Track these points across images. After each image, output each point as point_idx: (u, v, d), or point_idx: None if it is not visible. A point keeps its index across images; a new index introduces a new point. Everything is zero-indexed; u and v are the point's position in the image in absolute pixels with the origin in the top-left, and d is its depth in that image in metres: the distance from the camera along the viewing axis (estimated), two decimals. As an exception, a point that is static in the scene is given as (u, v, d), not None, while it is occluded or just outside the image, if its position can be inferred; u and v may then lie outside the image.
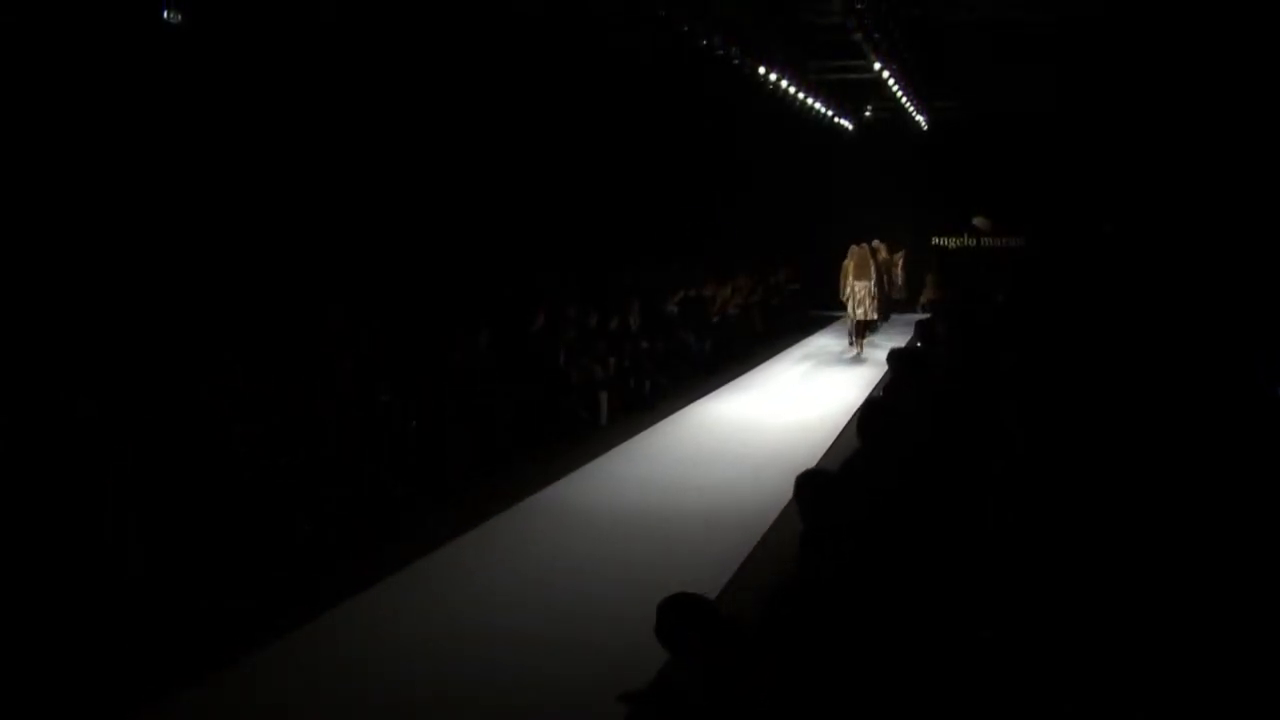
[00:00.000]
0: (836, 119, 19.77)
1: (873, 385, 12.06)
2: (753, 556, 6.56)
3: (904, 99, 17.36)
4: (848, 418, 10.51)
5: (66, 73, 7.35)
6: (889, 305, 17.79)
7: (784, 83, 15.16)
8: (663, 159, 17.50)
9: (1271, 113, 14.34)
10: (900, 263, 19.87)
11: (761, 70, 14.09)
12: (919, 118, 19.79)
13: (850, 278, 15.67)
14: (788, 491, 6.20)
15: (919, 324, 12.64)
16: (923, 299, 19.10)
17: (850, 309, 15.76)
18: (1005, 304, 14.60)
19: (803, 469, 7.75)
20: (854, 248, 16.13)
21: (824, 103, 18.12)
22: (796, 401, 11.94)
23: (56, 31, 7.27)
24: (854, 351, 15.48)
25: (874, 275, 15.74)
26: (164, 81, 8.11)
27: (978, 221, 21.57)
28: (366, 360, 7.71)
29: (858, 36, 12.51)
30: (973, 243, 21.87)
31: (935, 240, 22.02)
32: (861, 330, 15.74)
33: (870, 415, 7.48)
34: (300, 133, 9.32)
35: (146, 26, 8.09)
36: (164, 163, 8.08)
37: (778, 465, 8.48)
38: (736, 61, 13.24)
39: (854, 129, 21.16)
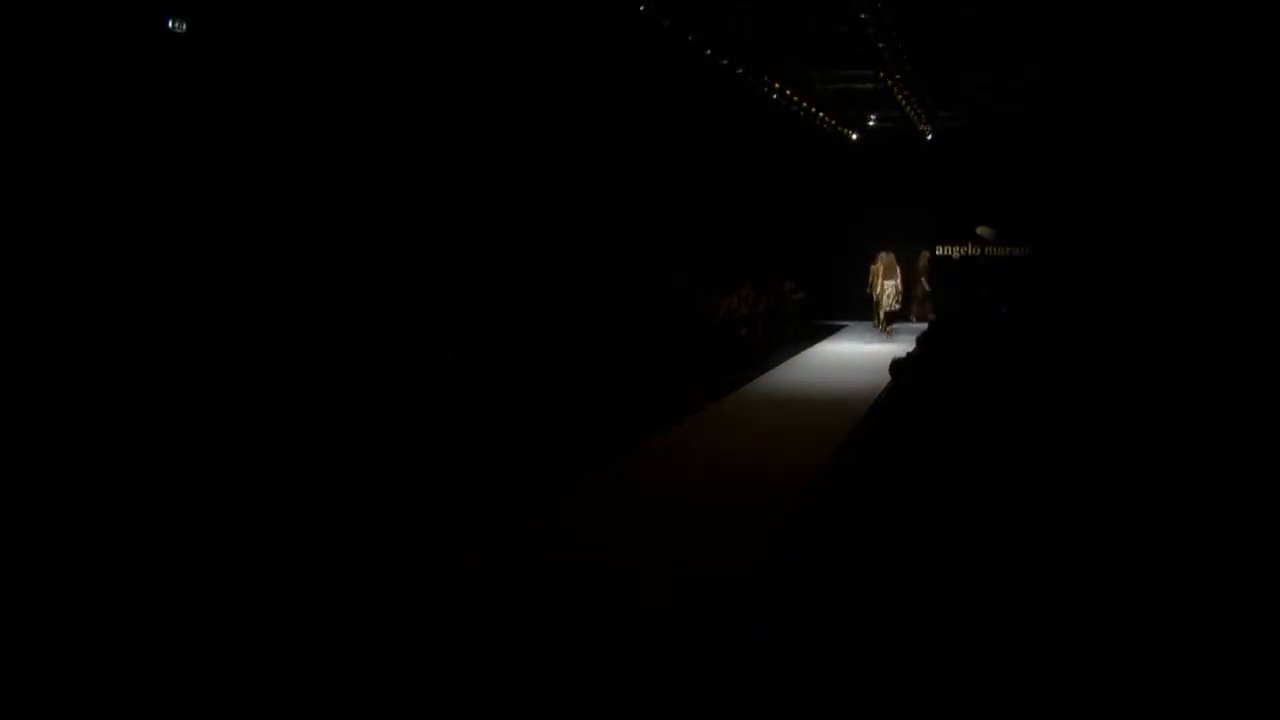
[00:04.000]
0: (841, 129, 19.82)
1: (876, 392, 12.03)
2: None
3: (908, 109, 17.38)
4: (850, 427, 10.50)
5: (72, 80, 7.39)
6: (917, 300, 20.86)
7: (788, 93, 15.19)
8: (668, 169, 17.54)
9: (1273, 120, 14.32)
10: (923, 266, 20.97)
11: (766, 81, 14.12)
12: (923, 127, 19.82)
13: (880, 278, 19.32)
14: (784, 502, 6.21)
15: (921, 335, 12.67)
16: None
17: (879, 302, 19.45)
18: (1010, 315, 14.58)
19: (802, 482, 7.78)
20: (882, 254, 19.46)
21: (828, 113, 18.17)
22: (799, 410, 11.92)
23: (62, 39, 7.31)
24: (883, 333, 19.06)
25: (898, 275, 19.41)
26: (169, 88, 8.16)
27: (982, 231, 21.59)
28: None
29: (862, 47, 12.53)
30: (977, 252, 21.90)
31: (939, 249, 22.06)
32: (890, 318, 19.44)
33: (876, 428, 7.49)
34: (305, 139, 9.36)
35: (151, 35, 8.15)
36: (167, 166, 8.11)
37: (782, 477, 8.47)
38: (740, 72, 13.26)
39: (858, 139, 21.21)
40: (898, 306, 19.49)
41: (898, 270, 19.47)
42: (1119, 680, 4.06)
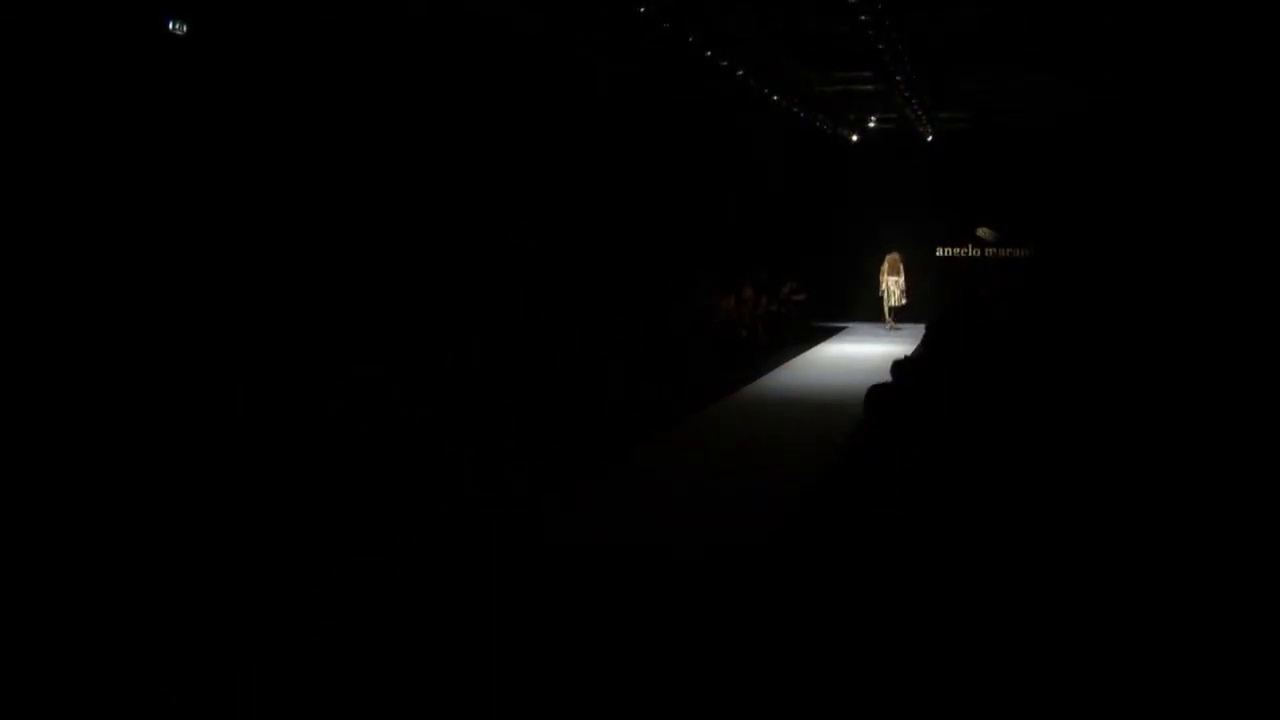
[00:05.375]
0: (841, 130, 19.85)
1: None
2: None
3: (908, 110, 17.39)
4: (851, 428, 10.48)
5: (74, 81, 7.40)
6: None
7: (788, 93, 15.20)
8: (668, 169, 17.54)
9: (1273, 122, 14.31)
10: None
11: (766, 81, 14.12)
12: (923, 129, 19.83)
13: (886, 275, 21.06)
14: (782, 510, 6.14)
15: (924, 336, 12.67)
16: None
17: (885, 298, 21.16)
18: (1011, 321, 14.56)
19: (800, 488, 7.75)
20: (889, 255, 21.07)
21: (828, 114, 18.20)
22: (800, 412, 11.91)
23: (64, 41, 7.32)
24: (890, 328, 20.69)
25: (902, 272, 21.07)
26: (170, 90, 8.18)
27: (982, 232, 21.63)
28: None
29: (862, 48, 12.53)
30: (978, 253, 21.95)
31: (940, 251, 22.13)
32: (894, 313, 21.04)
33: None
34: (306, 139, 9.37)
35: (152, 37, 8.16)
36: (168, 168, 8.12)
37: (781, 482, 8.44)
38: (741, 73, 13.27)
39: (858, 140, 21.24)
40: (902, 302, 21.02)
41: (901, 268, 20.97)
42: (1118, 679, 4.06)
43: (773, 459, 9.43)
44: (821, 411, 11.77)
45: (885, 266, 21.16)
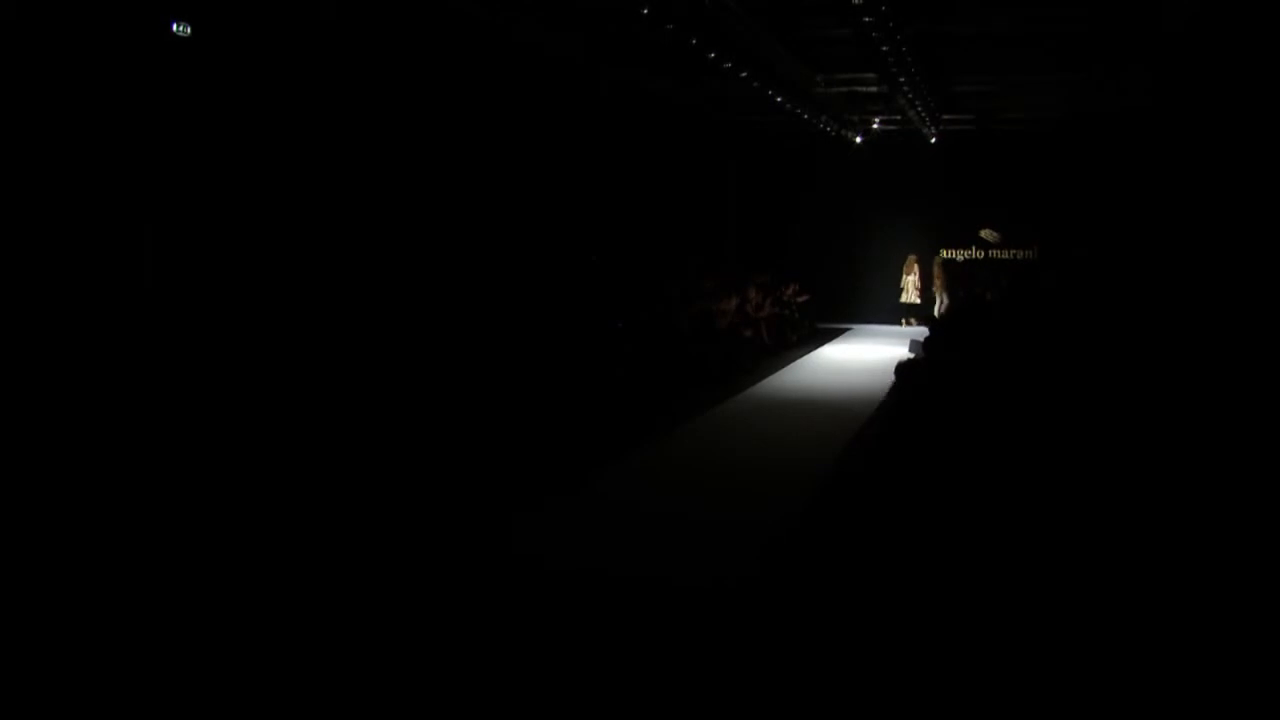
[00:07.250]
0: (845, 131, 19.84)
1: (882, 394, 12.01)
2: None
3: (912, 112, 17.37)
4: (857, 427, 10.48)
5: (79, 84, 7.43)
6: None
7: (793, 96, 15.21)
8: (670, 171, 17.55)
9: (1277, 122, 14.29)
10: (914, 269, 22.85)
11: (769, 82, 14.12)
12: (927, 130, 19.81)
13: (904, 275, 22.66)
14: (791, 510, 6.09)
15: (927, 337, 12.67)
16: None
17: (903, 296, 22.73)
18: (1002, 320, 14.52)
19: (802, 494, 7.71)
20: (910, 257, 22.60)
21: (832, 116, 18.20)
22: (805, 413, 11.91)
23: (69, 44, 7.35)
24: (904, 324, 21.99)
25: (916, 272, 22.61)
26: (173, 91, 8.21)
27: (985, 234, 21.64)
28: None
29: (866, 50, 12.52)
30: (981, 255, 21.97)
31: (944, 253, 22.18)
32: (907, 309, 22.55)
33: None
34: (305, 140, 9.39)
35: (156, 39, 8.19)
36: (172, 168, 8.15)
37: (783, 484, 8.44)
38: (744, 75, 13.27)
39: (862, 141, 21.25)
40: (917, 300, 22.58)
41: (916, 268, 22.55)
42: (1119, 678, 4.05)
43: (772, 463, 9.42)
44: (824, 415, 11.76)
45: (904, 268, 22.69)
